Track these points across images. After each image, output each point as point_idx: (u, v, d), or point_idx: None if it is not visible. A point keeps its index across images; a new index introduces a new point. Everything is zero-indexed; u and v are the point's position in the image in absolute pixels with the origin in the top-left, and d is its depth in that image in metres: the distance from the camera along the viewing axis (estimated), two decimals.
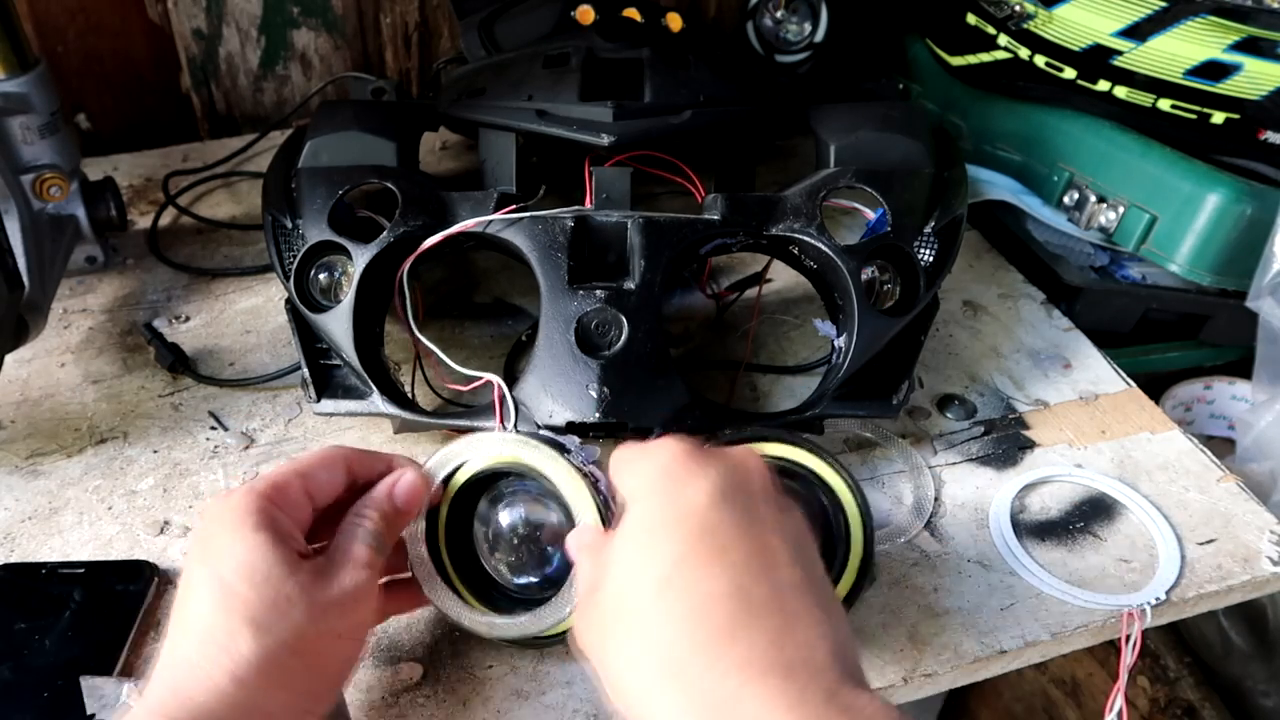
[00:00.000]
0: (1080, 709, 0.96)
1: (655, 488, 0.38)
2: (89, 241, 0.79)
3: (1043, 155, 0.87)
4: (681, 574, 0.35)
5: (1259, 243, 0.73)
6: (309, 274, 0.63)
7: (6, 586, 0.54)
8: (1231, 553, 0.60)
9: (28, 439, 0.65)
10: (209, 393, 0.69)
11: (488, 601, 0.50)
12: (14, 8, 0.71)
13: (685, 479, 0.38)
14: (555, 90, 0.69)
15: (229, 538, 0.42)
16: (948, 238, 0.66)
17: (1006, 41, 0.87)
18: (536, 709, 0.50)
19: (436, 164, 0.96)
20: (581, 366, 0.57)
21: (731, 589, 0.35)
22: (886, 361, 0.63)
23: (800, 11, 0.91)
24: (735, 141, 0.76)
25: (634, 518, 0.38)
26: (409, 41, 1.03)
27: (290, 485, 0.45)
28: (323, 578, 0.42)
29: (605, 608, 0.37)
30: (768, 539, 0.37)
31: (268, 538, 0.41)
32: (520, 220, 0.61)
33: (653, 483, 0.38)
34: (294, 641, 0.40)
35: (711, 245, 0.64)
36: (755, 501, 0.38)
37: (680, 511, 0.37)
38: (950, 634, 0.55)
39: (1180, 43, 0.76)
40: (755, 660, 0.33)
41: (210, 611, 0.40)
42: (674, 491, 0.38)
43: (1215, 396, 0.86)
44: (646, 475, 0.39)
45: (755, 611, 0.34)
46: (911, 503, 0.63)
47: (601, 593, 0.38)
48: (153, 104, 1.00)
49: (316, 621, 0.41)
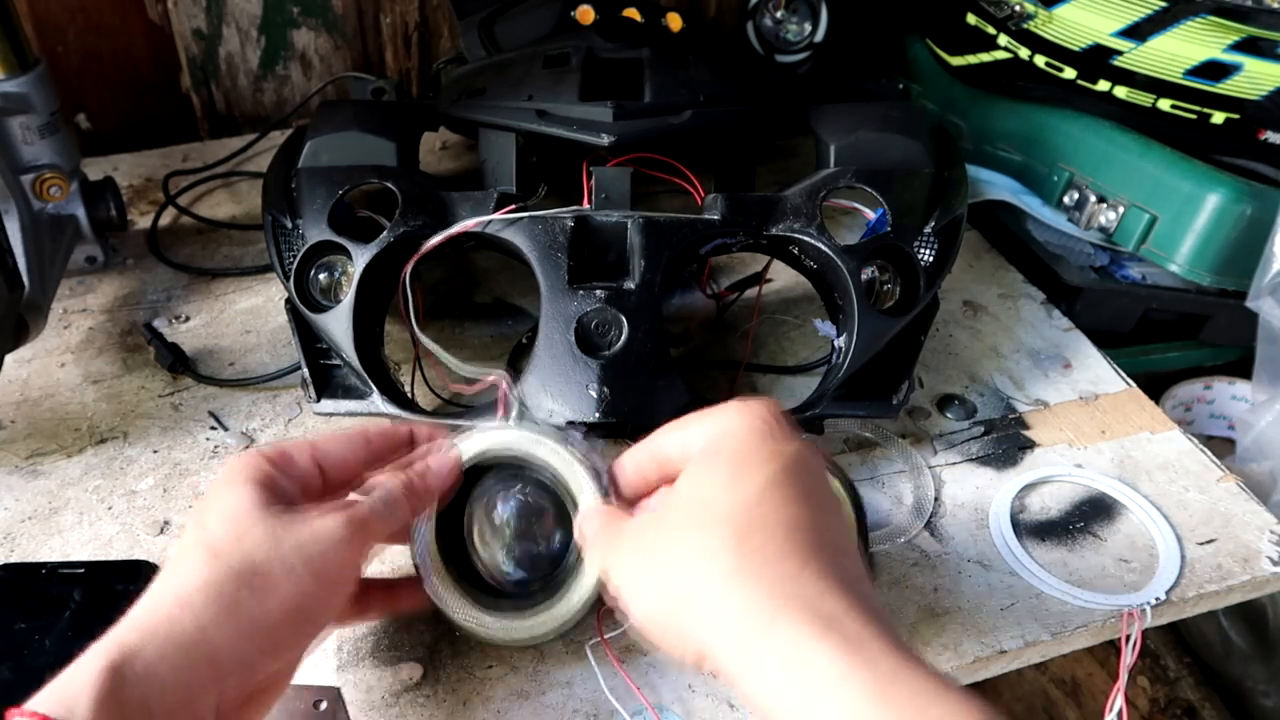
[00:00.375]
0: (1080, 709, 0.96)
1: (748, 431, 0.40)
2: (89, 241, 0.79)
3: (1043, 155, 0.87)
4: (773, 497, 0.37)
5: (1259, 243, 0.73)
6: (309, 274, 0.63)
7: (6, 586, 0.54)
8: (1231, 553, 0.60)
9: (28, 439, 0.65)
10: (209, 393, 0.69)
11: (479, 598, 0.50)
12: (14, 8, 0.71)
13: (782, 435, 0.40)
14: (555, 90, 0.69)
15: (221, 489, 0.43)
16: (948, 238, 0.66)
17: (1006, 41, 0.87)
18: (536, 709, 0.50)
19: (436, 164, 0.96)
20: (581, 366, 0.57)
21: (819, 522, 0.37)
22: (886, 361, 0.63)
23: (800, 11, 0.91)
24: (735, 141, 0.76)
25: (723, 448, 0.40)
26: (409, 41, 1.03)
27: (298, 452, 0.45)
28: (294, 520, 0.42)
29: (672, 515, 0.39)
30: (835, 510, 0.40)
31: (255, 489, 0.42)
32: (520, 220, 0.61)
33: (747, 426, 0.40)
34: (245, 571, 0.40)
35: (711, 245, 0.64)
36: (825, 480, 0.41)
37: (774, 452, 0.39)
38: (950, 634, 0.55)
39: (1180, 43, 0.76)
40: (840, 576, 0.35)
41: (180, 549, 0.42)
42: (768, 437, 0.40)
43: (1215, 396, 0.86)
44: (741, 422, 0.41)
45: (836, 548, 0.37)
46: (911, 503, 0.63)
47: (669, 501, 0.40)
48: (153, 104, 1.00)
49: (271, 555, 0.41)
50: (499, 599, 0.50)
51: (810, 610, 0.34)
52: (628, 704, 0.50)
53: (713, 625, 0.35)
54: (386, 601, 0.51)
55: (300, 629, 0.42)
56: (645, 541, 0.40)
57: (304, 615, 0.42)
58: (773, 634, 0.33)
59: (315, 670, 0.52)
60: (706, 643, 0.35)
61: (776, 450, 0.39)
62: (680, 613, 0.36)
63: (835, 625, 0.33)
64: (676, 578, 0.37)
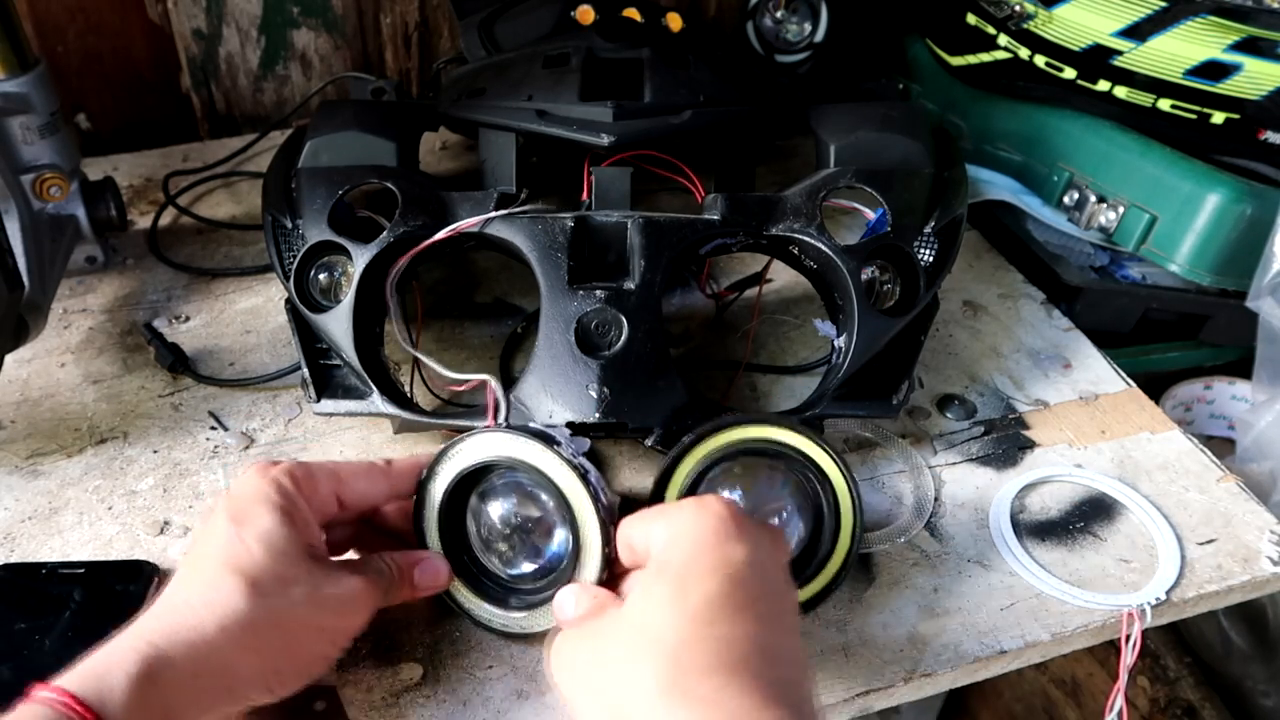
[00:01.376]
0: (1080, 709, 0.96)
1: (698, 537, 0.42)
2: (89, 241, 0.79)
3: (1043, 155, 0.87)
4: (709, 613, 0.39)
5: (1259, 243, 0.73)
6: (309, 274, 0.63)
7: (6, 586, 0.54)
8: (1231, 553, 0.60)
9: (28, 439, 0.65)
10: (209, 393, 0.69)
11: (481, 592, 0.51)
12: (14, 8, 0.71)
13: (730, 537, 0.42)
14: (555, 90, 0.69)
15: (254, 510, 0.45)
16: (948, 238, 0.66)
17: (1006, 41, 0.87)
18: (536, 709, 0.50)
19: (436, 164, 0.96)
20: (581, 367, 0.57)
21: (751, 635, 0.39)
22: (886, 361, 0.63)
23: (800, 11, 0.91)
24: (735, 141, 0.76)
25: (671, 557, 0.42)
26: (409, 41, 1.03)
27: (323, 482, 0.48)
28: (330, 575, 0.46)
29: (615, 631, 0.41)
30: (783, 609, 0.42)
31: (287, 524, 0.45)
32: (519, 220, 0.61)
33: (697, 531, 0.42)
34: (282, 617, 0.43)
35: (711, 245, 0.64)
36: (779, 574, 0.43)
37: (720, 561, 0.41)
38: (950, 634, 0.55)
39: (1180, 43, 0.76)
40: (762, 691, 0.37)
41: (220, 563, 0.43)
42: (716, 544, 0.41)
43: (1215, 396, 0.86)
44: (690, 524, 0.43)
45: (766, 659, 0.38)
46: (911, 503, 0.63)
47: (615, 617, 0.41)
48: (153, 104, 1.00)
49: (308, 609, 0.44)
50: (502, 594, 0.51)
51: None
52: None
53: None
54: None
55: (312, 672, 0.46)
56: (585, 655, 0.42)
57: (316, 664, 0.46)
58: None
59: None
60: None
61: (723, 559, 0.41)
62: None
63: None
64: (613, 696, 0.39)
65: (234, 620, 0.42)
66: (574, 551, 0.48)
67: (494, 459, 0.49)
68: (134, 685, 0.39)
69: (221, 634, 0.42)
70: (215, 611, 0.42)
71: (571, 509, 0.48)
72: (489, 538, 0.52)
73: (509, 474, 0.51)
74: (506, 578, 0.52)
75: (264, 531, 0.44)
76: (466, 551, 0.52)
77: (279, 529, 0.45)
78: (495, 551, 0.52)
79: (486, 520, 0.52)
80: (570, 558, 0.49)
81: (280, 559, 0.44)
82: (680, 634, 0.38)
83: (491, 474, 0.51)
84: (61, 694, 0.38)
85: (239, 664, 0.42)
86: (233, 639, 0.42)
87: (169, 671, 0.40)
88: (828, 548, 0.52)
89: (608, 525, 0.47)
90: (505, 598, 0.51)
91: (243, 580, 0.43)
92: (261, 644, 0.43)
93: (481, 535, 0.52)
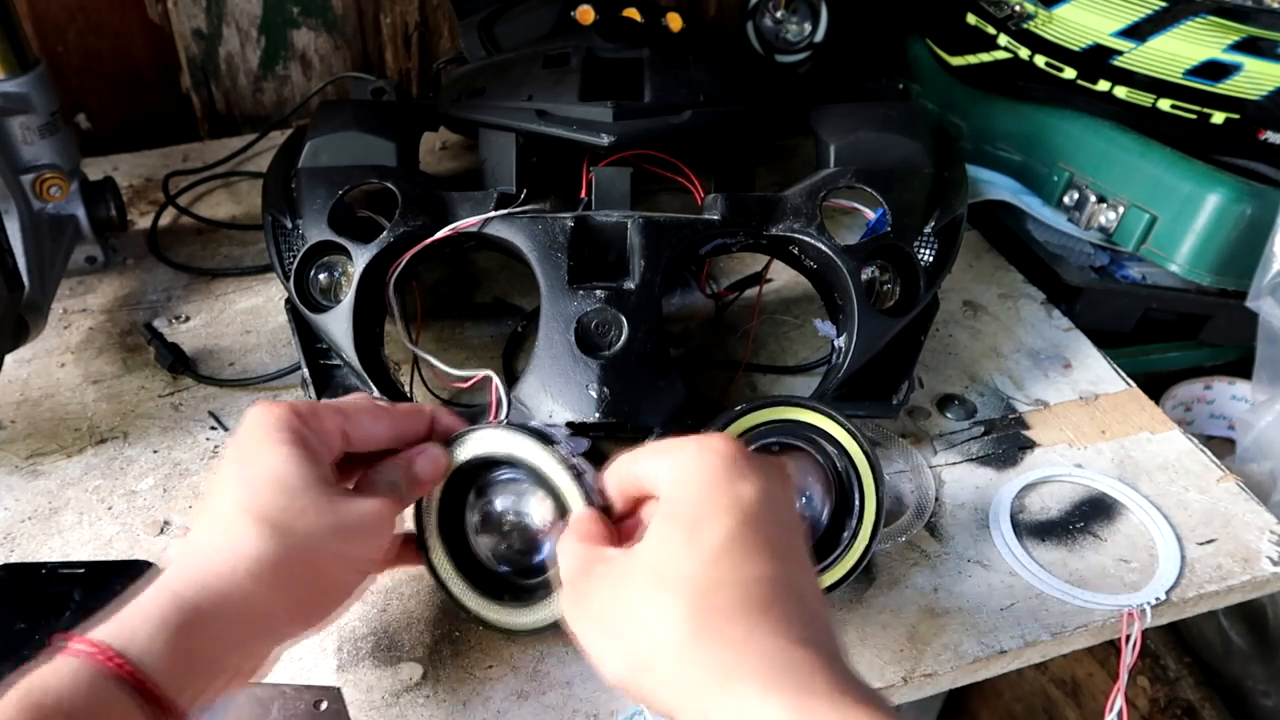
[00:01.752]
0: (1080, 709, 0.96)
1: (706, 478, 0.40)
2: (89, 241, 0.79)
3: (1043, 155, 0.87)
4: (729, 555, 0.38)
5: (1259, 243, 0.73)
6: (309, 274, 0.63)
7: (6, 586, 0.54)
8: (1231, 553, 0.60)
9: (28, 439, 0.65)
10: (209, 393, 0.69)
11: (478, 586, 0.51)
12: (14, 8, 0.71)
13: (739, 475, 0.40)
14: (555, 90, 0.69)
15: (262, 445, 0.44)
16: (948, 238, 0.66)
17: (1006, 41, 0.87)
18: (536, 709, 0.50)
19: (436, 164, 0.96)
20: (581, 367, 0.57)
21: (772, 575, 0.38)
22: (886, 361, 0.63)
23: (800, 11, 0.91)
24: (735, 141, 0.76)
25: (681, 499, 0.40)
26: (409, 41, 1.03)
27: (328, 419, 0.47)
28: (344, 503, 0.45)
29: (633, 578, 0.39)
30: (798, 544, 0.41)
31: (298, 452, 0.44)
32: (519, 220, 0.61)
33: (705, 471, 0.41)
34: (305, 551, 0.43)
35: (711, 245, 0.64)
36: (788, 510, 0.42)
37: (729, 501, 0.39)
38: (950, 634, 0.55)
39: (1180, 43, 0.76)
40: (790, 631, 0.36)
41: (234, 509, 0.42)
42: (725, 483, 0.40)
43: (1215, 396, 0.86)
44: (697, 463, 0.41)
45: (790, 596, 0.38)
46: (912, 503, 0.63)
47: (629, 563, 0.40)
48: (153, 104, 1.00)
49: (329, 539, 0.43)
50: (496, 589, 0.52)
51: (762, 668, 0.35)
52: (627, 704, 0.50)
53: (675, 690, 0.37)
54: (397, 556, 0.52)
55: (339, 604, 0.46)
56: (607, 606, 0.40)
57: (345, 592, 0.46)
58: (727, 695, 0.35)
59: (315, 670, 0.52)
60: (673, 704, 0.37)
61: (735, 498, 0.39)
62: (645, 675, 0.38)
63: (784, 679, 0.34)
64: (638, 645, 0.38)
65: (259, 563, 0.41)
66: None
67: (492, 454, 0.50)
68: (168, 637, 0.38)
69: (249, 578, 0.41)
70: (239, 557, 0.41)
71: (566, 508, 0.48)
72: (486, 532, 0.52)
73: (507, 470, 0.51)
74: (501, 573, 0.52)
75: (274, 470, 0.43)
76: (464, 545, 0.52)
77: (288, 464, 0.43)
78: (491, 546, 0.52)
79: (483, 515, 0.52)
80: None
81: (294, 495, 0.43)
82: (701, 578, 0.38)
83: (490, 470, 0.51)
84: (90, 644, 0.37)
85: (271, 604, 0.42)
86: (261, 581, 0.41)
87: (202, 621, 0.40)
88: (849, 539, 0.52)
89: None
90: (499, 593, 0.52)
91: (260, 523, 0.42)
92: (291, 581, 0.42)
93: (478, 530, 0.52)
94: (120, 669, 0.37)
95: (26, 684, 0.36)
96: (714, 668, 0.36)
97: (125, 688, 0.37)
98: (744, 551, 0.38)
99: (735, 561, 0.38)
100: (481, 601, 0.51)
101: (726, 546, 0.38)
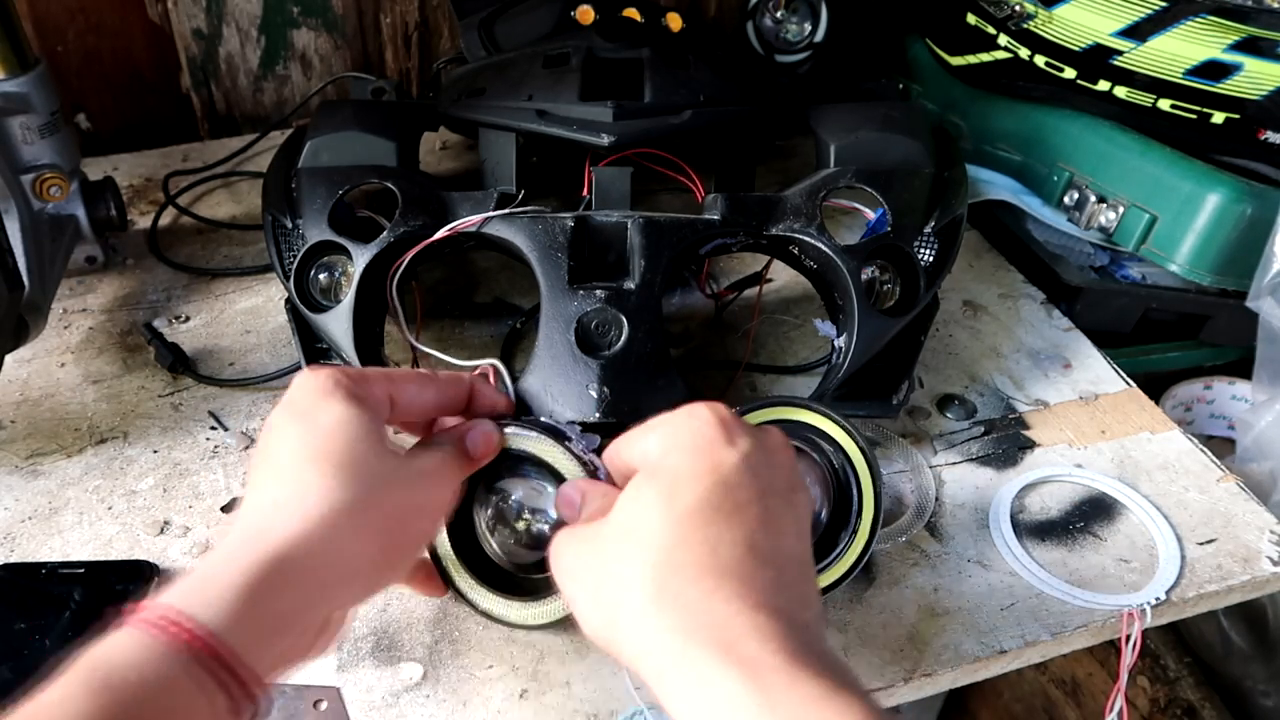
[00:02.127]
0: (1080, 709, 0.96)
1: (688, 443, 0.41)
2: (89, 241, 0.79)
3: (1043, 155, 0.87)
4: (699, 516, 0.38)
5: (1259, 243, 0.73)
6: (309, 274, 0.63)
7: (6, 586, 0.54)
8: (1231, 553, 0.60)
9: (28, 439, 0.65)
10: (209, 393, 0.69)
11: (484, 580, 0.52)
12: (14, 8, 0.71)
13: (719, 440, 0.40)
14: (555, 90, 0.69)
15: (320, 402, 0.43)
16: (948, 238, 0.66)
17: (1006, 41, 0.86)
18: (536, 709, 0.50)
19: (437, 164, 0.96)
20: (582, 366, 0.57)
21: (742, 539, 0.38)
22: (886, 361, 0.63)
23: (800, 11, 0.91)
24: (735, 141, 0.76)
25: (663, 464, 0.41)
26: (409, 41, 1.03)
27: (375, 383, 0.45)
28: (406, 456, 0.45)
29: (607, 533, 0.40)
30: (781, 510, 0.40)
31: (355, 408, 0.43)
32: (519, 219, 0.61)
33: (687, 438, 0.41)
34: (376, 498, 0.41)
35: (711, 245, 0.64)
36: (776, 476, 0.41)
37: (708, 465, 0.40)
38: (950, 634, 0.55)
39: (1180, 43, 0.76)
40: (751, 596, 0.36)
41: (300, 462, 0.41)
42: (706, 449, 0.40)
43: (1215, 396, 0.86)
44: (682, 431, 0.41)
45: (759, 561, 0.38)
46: (912, 503, 0.63)
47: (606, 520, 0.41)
48: (153, 104, 1.00)
49: (396, 487, 0.43)
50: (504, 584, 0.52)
51: (717, 635, 0.35)
52: (628, 704, 0.50)
53: (637, 647, 0.37)
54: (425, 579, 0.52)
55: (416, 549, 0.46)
56: (584, 558, 0.41)
57: (422, 537, 0.46)
58: (684, 658, 0.35)
59: (315, 670, 0.52)
60: (635, 660, 0.37)
61: (716, 462, 0.40)
62: (612, 630, 0.38)
63: (737, 648, 0.35)
64: (607, 598, 0.39)
65: (334, 509, 0.40)
66: None
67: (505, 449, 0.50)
68: (240, 596, 0.36)
69: (325, 525, 0.39)
70: (312, 505, 0.40)
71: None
72: (495, 527, 0.52)
73: (518, 465, 0.51)
74: (510, 568, 0.52)
75: (338, 419, 0.42)
76: (472, 539, 0.52)
77: (352, 414, 0.42)
78: (500, 541, 0.52)
79: (494, 510, 0.52)
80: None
81: (361, 443, 0.42)
82: (669, 537, 0.38)
83: (501, 464, 0.51)
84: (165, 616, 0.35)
85: (349, 553, 0.40)
86: (337, 529, 0.40)
87: (278, 577, 0.38)
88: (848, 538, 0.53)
89: None
90: (507, 587, 0.52)
91: (332, 467, 0.40)
92: (366, 525, 0.41)
93: (488, 524, 0.52)
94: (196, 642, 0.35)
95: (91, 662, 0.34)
96: (672, 628, 0.36)
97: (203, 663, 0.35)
98: (715, 514, 0.38)
99: (703, 523, 0.38)
100: (489, 596, 0.52)
101: (697, 508, 0.38)
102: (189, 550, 0.57)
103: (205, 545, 0.58)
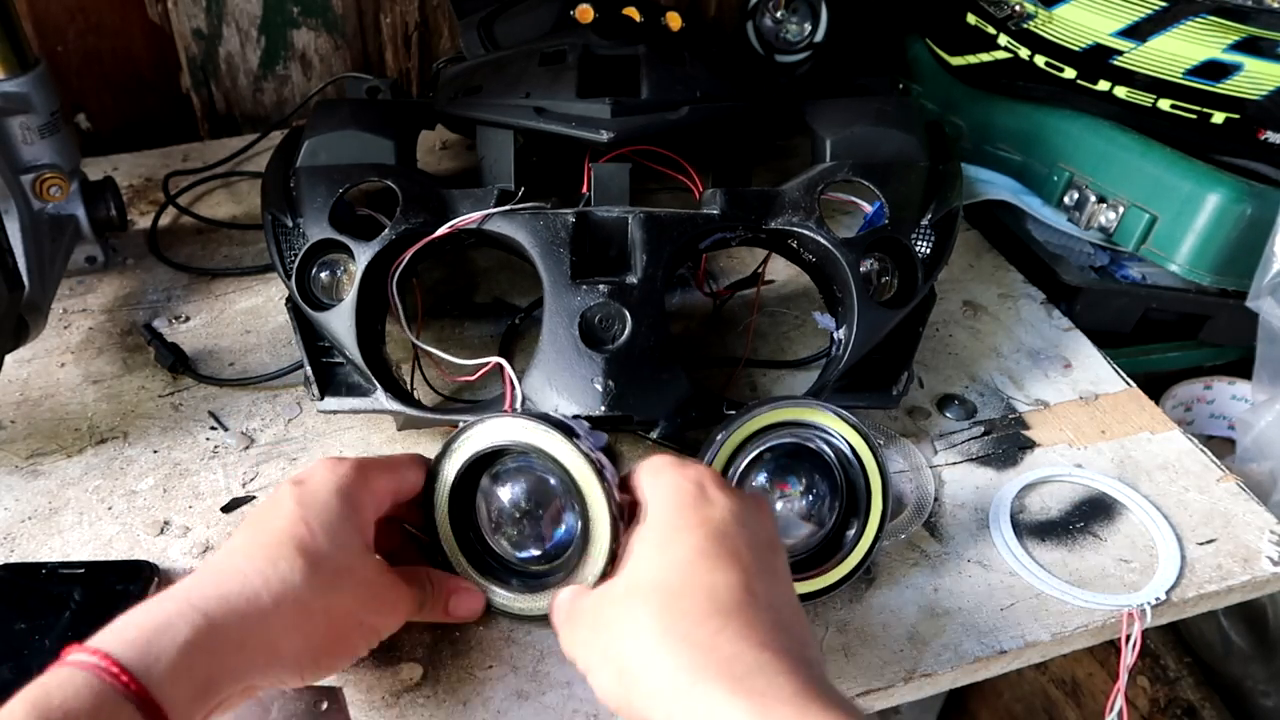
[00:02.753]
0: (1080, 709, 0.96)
1: (682, 499, 0.44)
2: (89, 241, 0.79)
3: (1043, 155, 0.87)
4: (699, 563, 0.41)
5: (1259, 243, 0.73)
6: (310, 272, 0.63)
7: (6, 586, 0.54)
8: (1231, 553, 0.60)
9: (28, 439, 0.65)
10: (209, 393, 0.69)
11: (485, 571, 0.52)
12: (14, 8, 0.71)
13: (710, 495, 0.44)
14: (553, 87, 0.69)
15: (325, 494, 0.46)
16: (944, 230, 0.66)
17: (1006, 41, 0.87)
18: (536, 709, 0.50)
19: (436, 163, 0.96)
20: (586, 361, 0.57)
21: (739, 583, 0.40)
22: (886, 353, 0.63)
23: (800, 11, 0.91)
24: (732, 138, 0.76)
25: (657, 518, 0.44)
26: (409, 41, 1.03)
27: (383, 482, 0.49)
28: (381, 574, 0.47)
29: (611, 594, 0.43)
30: (770, 559, 0.43)
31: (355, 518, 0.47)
32: (520, 216, 0.62)
33: (681, 494, 0.44)
34: (333, 605, 0.44)
35: (711, 239, 0.64)
36: (762, 529, 0.45)
37: (702, 518, 0.43)
38: (950, 634, 0.55)
39: (1180, 43, 0.76)
40: (755, 635, 0.38)
41: (283, 542, 0.44)
42: (699, 503, 0.44)
43: (1215, 396, 0.86)
44: (676, 486, 0.45)
45: (758, 605, 0.40)
46: (912, 503, 0.63)
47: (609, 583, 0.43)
48: (153, 104, 1.00)
49: (357, 602, 0.46)
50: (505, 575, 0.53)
51: (727, 669, 0.37)
52: None
53: (648, 690, 0.38)
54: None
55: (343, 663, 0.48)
56: (592, 619, 0.43)
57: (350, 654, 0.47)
58: (694, 694, 0.36)
59: None
60: (647, 707, 0.38)
61: (704, 516, 0.43)
62: (625, 682, 0.40)
63: (746, 682, 0.36)
64: (617, 649, 0.40)
65: (289, 597, 0.42)
66: (582, 544, 0.49)
67: (512, 444, 0.50)
68: (182, 653, 0.39)
69: (275, 609, 0.42)
70: (273, 585, 0.42)
71: (585, 502, 0.48)
72: (498, 520, 0.52)
73: (523, 459, 0.51)
74: (513, 560, 0.53)
75: (330, 520, 0.45)
76: (473, 530, 0.53)
77: (344, 521, 0.45)
78: (503, 533, 0.52)
79: (497, 502, 0.52)
80: (577, 549, 0.49)
81: (341, 550, 0.45)
82: (670, 584, 0.40)
83: (506, 457, 0.51)
84: (104, 659, 0.37)
85: (284, 642, 0.42)
86: (284, 616, 0.42)
87: (218, 640, 0.40)
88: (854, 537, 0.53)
89: (618, 522, 0.48)
90: (508, 578, 0.52)
91: (305, 560, 0.43)
92: (309, 627, 0.43)
93: (491, 516, 0.53)
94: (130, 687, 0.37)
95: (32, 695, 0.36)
96: (681, 667, 0.37)
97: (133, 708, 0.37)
98: (712, 561, 0.41)
99: (703, 569, 0.41)
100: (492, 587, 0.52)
101: (694, 557, 0.41)
102: (189, 550, 0.57)
103: (205, 545, 0.58)
